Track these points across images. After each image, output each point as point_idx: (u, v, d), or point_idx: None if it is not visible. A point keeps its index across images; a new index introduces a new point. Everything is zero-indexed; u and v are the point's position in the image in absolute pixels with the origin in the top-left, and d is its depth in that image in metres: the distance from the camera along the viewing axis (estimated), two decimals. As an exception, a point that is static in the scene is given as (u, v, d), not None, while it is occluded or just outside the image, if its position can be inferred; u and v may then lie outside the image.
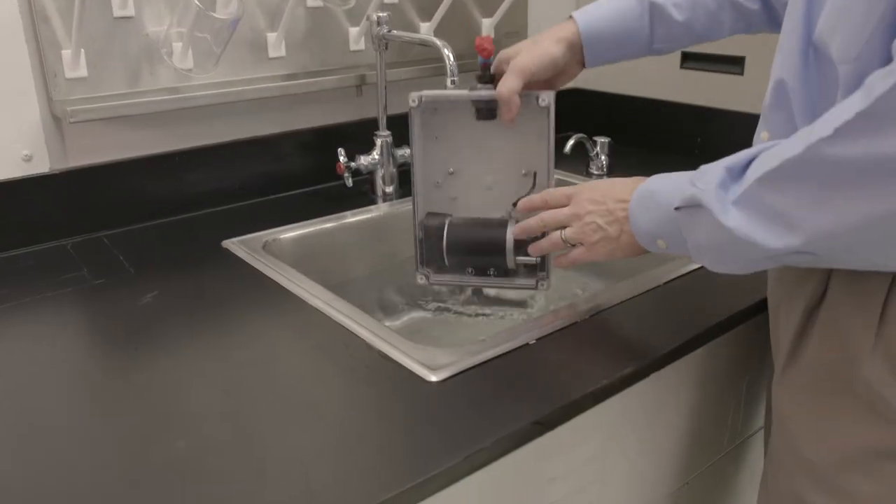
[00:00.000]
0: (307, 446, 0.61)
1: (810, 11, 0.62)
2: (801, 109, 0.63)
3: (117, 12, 1.02)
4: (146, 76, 1.07)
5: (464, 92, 0.86)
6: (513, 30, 1.44)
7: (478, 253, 0.89)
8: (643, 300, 0.85)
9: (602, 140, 1.32)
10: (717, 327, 0.80)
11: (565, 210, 0.78)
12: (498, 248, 0.86)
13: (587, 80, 1.58)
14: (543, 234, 0.82)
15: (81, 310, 0.87)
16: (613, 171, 1.32)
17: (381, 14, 1.14)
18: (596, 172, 1.33)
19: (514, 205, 0.88)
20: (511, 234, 0.86)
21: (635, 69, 1.53)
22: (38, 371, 0.73)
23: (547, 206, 0.81)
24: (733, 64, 1.34)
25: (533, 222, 0.81)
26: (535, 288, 0.90)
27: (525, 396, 0.67)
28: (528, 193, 0.87)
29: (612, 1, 0.87)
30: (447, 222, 0.90)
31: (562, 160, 1.30)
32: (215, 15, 0.99)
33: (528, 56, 0.83)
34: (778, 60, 0.65)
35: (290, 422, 0.64)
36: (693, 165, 0.65)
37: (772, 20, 0.85)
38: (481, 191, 0.93)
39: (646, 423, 0.81)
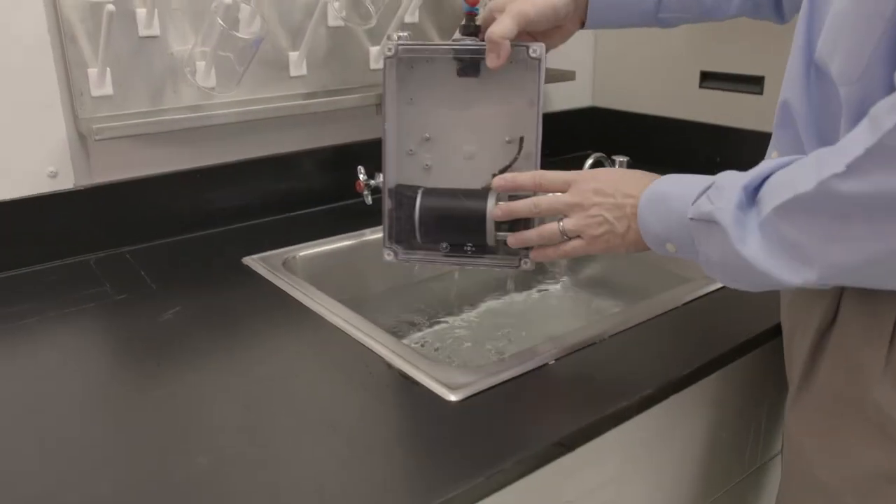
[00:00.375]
0: (325, 463, 0.61)
1: (810, 30, 0.62)
2: (805, 129, 0.63)
3: (143, 32, 1.04)
4: (170, 94, 1.09)
5: (445, 43, 0.80)
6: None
7: (453, 226, 0.80)
8: (661, 322, 0.85)
9: (620, 159, 1.32)
10: (735, 350, 0.80)
11: (565, 197, 0.72)
12: (476, 221, 0.78)
13: (605, 98, 1.59)
14: (526, 222, 0.77)
15: (104, 325, 0.88)
16: (632, 190, 1.32)
17: (401, 34, 1.15)
18: (614, 191, 1.33)
19: (494, 175, 0.78)
20: (491, 206, 0.77)
21: (653, 87, 1.54)
22: (62, 385, 0.74)
23: (539, 189, 0.74)
24: (752, 83, 1.34)
25: (522, 206, 0.74)
26: (518, 267, 0.81)
27: (545, 417, 0.67)
28: (512, 162, 0.81)
29: None
30: (420, 191, 0.80)
31: (580, 179, 1.31)
32: (239, 35, 1.01)
33: (527, 1, 0.77)
34: (784, 80, 0.65)
35: (309, 438, 0.64)
36: None
37: (777, 10, 0.84)
38: (460, 160, 0.84)
39: (663, 446, 0.81)
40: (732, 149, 1.39)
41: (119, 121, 1.02)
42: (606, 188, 0.70)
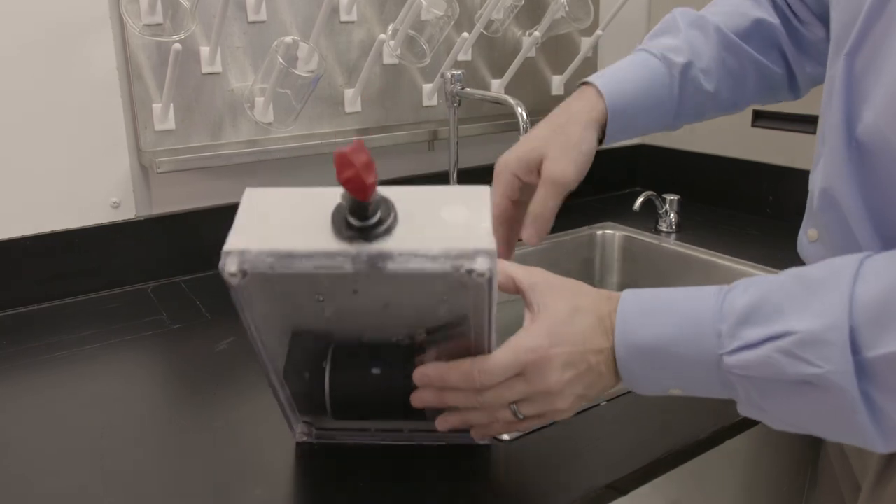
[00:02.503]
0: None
1: (850, 106, 0.55)
2: (854, 213, 0.55)
3: (206, 69, 1.08)
4: (229, 129, 1.12)
5: (326, 250, 0.50)
6: (582, 87, 1.45)
7: (381, 407, 0.62)
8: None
9: (671, 197, 1.32)
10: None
11: (518, 387, 0.55)
12: (413, 407, 0.59)
13: (655, 136, 1.58)
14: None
15: (162, 353, 0.90)
16: (682, 228, 1.31)
17: (455, 72, 1.17)
18: (665, 230, 1.32)
19: (429, 332, 0.58)
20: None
21: (704, 125, 1.53)
22: (122, 411, 0.76)
23: (480, 389, 0.56)
24: (805, 122, 1.33)
25: (457, 400, 0.58)
26: (471, 441, 0.66)
27: (596, 459, 0.66)
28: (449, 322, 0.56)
29: (637, 66, 0.73)
30: (328, 363, 0.59)
31: (630, 217, 1.31)
32: (298, 72, 1.04)
33: (565, 161, 0.66)
34: (821, 165, 0.59)
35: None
36: (764, 225, 0.62)
37: (793, 87, 0.79)
38: (376, 311, 0.56)
39: (719, 491, 0.79)
40: (785, 188, 1.37)
41: (180, 154, 1.05)
42: (573, 356, 0.55)
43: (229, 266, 0.50)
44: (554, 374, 0.54)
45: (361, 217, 0.50)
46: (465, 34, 1.19)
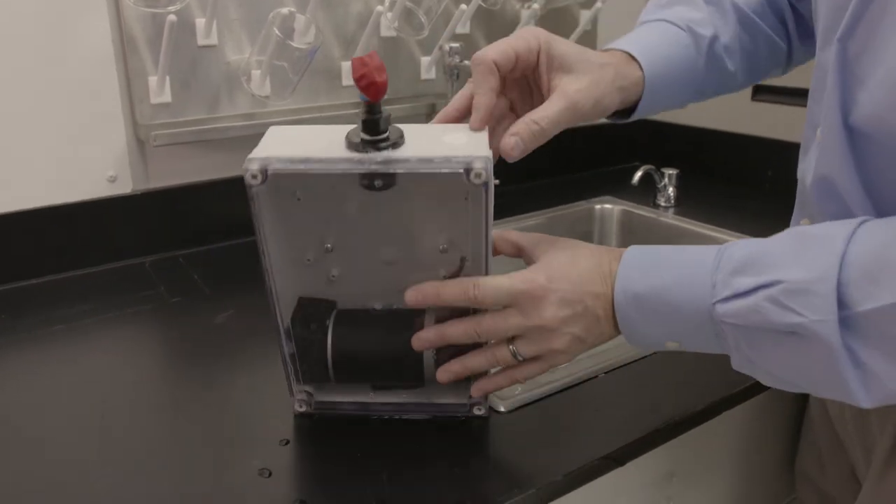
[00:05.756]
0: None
1: (846, 90, 0.53)
2: (856, 201, 0.54)
3: (201, 41, 1.06)
4: (225, 102, 1.11)
5: (340, 157, 0.55)
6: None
7: (380, 369, 0.64)
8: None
9: (670, 172, 1.31)
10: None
11: (517, 319, 0.56)
12: (411, 363, 0.62)
13: (654, 110, 1.57)
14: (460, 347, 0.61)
15: (160, 327, 0.90)
16: (681, 203, 1.31)
17: (453, 45, 1.16)
18: (663, 204, 1.32)
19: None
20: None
21: (704, 101, 1.52)
22: (120, 385, 0.76)
23: (475, 305, 0.58)
24: (804, 96, 1.32)
25: (458, 330, 0.58)
26: (468, 413, 0.67)
27: (595, 430, 0.67)
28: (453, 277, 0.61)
29: (665, 36, 0.68)
30: (331, 324, 0.63)
31: (629, 191, 1.30)
32: (295, 45, 1.03)
33: (590, 85, 0.60)
34: (816, 152, 0.58)
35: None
36: (762, 199, 0.61)
37: (788, 62, 0.78)
38: (377, 265, 0.63)
39: (714, 463, 0.80)
40: (784, 162, 1.36)
41: (176, 128, 1.04)
42: (570, 294, 0.55)
43: (251, 167, 0.54)
44: (549, 310, 0.55)
45: (373, 131, 0.54)
46: (464, 6, 1.18)
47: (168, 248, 1.11)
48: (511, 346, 0.58)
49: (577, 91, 0.59)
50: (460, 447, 0.65)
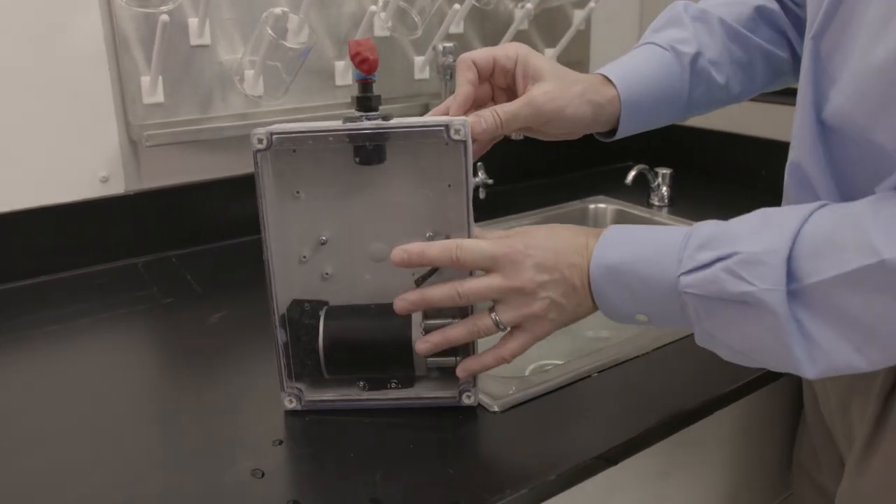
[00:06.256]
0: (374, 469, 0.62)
1: (818, 88, 0.56)
2: (824, 190, 0.58)
3: (194, 41, 1.06)
4: (218, 102, 1.11)
5: (335, 124, 0.62)
6: (575, 59, 1.44)
7: (371, 359, 0.67)
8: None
9: (664, 171, 1.32)
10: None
11: (496, 281, 0.59)
12: (399, 348, 0.65)
13: (648, 110, 1.57)
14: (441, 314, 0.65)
15: (153, 327, 0.90)
16: (675, 202, 1.31)
17: (446, 44, 1.16)
18: (657, 203, 1.32)
19: (418, 283, 0.64)
20: (418, 327, 0.65)
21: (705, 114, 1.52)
22: (113, 385, 0.76)
23: (456, 266, 0.60)
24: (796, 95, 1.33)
25: (439, 293, 0.61)
26: (458, 402, 0.68)
27: (587, 430, 0.67)
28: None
29: (646, 58, 0.72)
30: (323, 314, 0.67)
31: (623, 191, 1.31)
32: (288, 44, 1.03)
33: (560, 94, 0.65)
34: (792, 140, 0.61)
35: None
36: (756, 198, 0.63)
37: (797, 70, 0.79)
38: (368, 264, 0.68)
39: (707, 460, 0.80)
40: (778, 162, 1.36)
41: (169, 128, 1.04)
42: (547, 261, 0.58)
43: (258, 132, 0.61)
44: (527, 272, 0.58)
45: (365, 107, 0.62)
46: (457, 6, 1.18)
47: (161, 248, 1.11)
48: (493, 315, 0.60)
49: (542, 94, 0.65)
50: (454, 447, 0.65)
